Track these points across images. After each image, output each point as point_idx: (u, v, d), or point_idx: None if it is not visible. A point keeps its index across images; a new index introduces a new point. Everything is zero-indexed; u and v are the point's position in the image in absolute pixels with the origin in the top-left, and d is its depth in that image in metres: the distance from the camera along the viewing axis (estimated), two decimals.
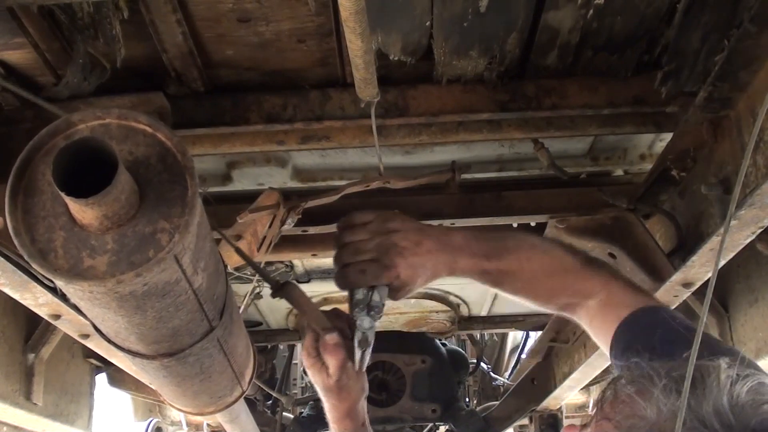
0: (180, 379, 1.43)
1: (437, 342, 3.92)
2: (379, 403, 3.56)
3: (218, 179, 2.39)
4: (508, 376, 4.76)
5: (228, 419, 2.75)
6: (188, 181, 1.00)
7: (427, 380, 3.64)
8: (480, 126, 2.01)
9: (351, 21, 1.33)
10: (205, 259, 1.14)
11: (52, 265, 0.96)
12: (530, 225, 2.38)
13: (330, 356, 1.56)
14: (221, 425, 3.25)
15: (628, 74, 1.91)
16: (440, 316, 3.92)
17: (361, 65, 1.52)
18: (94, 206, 0.92)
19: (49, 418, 2.73)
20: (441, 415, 3.66)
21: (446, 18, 1.67)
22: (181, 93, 1.89)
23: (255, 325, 3.65)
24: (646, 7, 1.68)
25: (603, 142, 2.35)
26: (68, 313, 1.94)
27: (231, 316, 1.40)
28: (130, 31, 1.68)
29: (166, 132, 1.03)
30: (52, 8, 1.61)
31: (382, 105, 1.87)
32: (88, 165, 0.93)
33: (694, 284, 1.90)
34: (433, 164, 2.32)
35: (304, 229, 2.23)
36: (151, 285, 1.00)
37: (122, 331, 1.16)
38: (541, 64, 1.87)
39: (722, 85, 1.55)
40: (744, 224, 1.54)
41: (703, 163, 1.80)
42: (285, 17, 1.70)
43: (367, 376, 1.70)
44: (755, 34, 1.42)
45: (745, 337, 2.25)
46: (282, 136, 2.02)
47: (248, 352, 1.73)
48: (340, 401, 1.65)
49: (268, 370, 4.14)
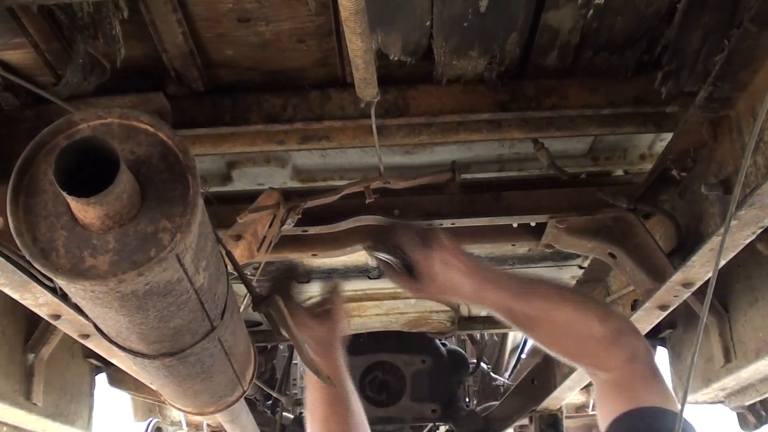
0: (181, 378, 1.43)
1: (437, 342, 3.92)
2: (379, 403, 3.56)
3: (218, 179, 2.39)
4: (508, 376, 4.76)
5: (228, 419, 2.75)
6: (190, 180, 1.00)
7: (427, 380, 3.64)
8: (480, 126, 2.01)
9: (351, 21, 1.33)
10: (207, 258, 1.14)
11: (54, 264, 0.96)
12: (530, 225, 2.38)
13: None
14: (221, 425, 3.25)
15: (628, 74, 1.91)
16: (440, 316, 3.91)
17: (361, 65, 1.52)
18: (95, 205, 0.92)
19: (49, 418, 2.73)
20: (441, 415, 3.66)
21: (446, 18, 1.67)
22: (181, 93, 1.89)
23: (255, 325, 3.64)
24: (646, 7, 1.68)
25: (603, 142, 2.35)
26: (68, 313, 1.94)
27: (232, 316, 1.40)
28: (130, 31, 1.68)
29: (167, 131, 1.03)
30: (52, 8, 1.61)
31: (382, 105, 1.88)
32: (90, 164, 0.94)
33: (694, 284, 1.90)
34: (433, 164, 2.32)
35: (304, 229, 2.23)
36: (153, 284, 1.00)
37: (123, 330, 1.16)
38: (541, 64, 1.87)
39: (722, 85, 1.55)
40: (744, 224, 1.54)
41: (703, 163, 1.80)
42: (285, 17, 1.70)
43: (368, 376, 1.73)
44: (755, 34, 1.42)
45: (745, 337, 2.25)
46: (282, 136, 2.02)
47: (249, 351, 1.74)
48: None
49: (268, 370, 4.13)
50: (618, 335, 1.62)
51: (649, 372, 1.59)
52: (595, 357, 1.63)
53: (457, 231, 2.38)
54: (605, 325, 1.62)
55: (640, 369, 1.58)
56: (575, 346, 1.65)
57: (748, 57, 1.47)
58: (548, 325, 1.65)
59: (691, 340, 2.60)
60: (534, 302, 1.65)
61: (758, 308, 2.16)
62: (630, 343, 1.63)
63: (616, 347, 1.60)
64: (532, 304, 1.65)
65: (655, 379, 1.59)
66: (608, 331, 1.61)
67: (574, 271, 3.25)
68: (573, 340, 1.64)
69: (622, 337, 1.63)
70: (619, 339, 1.62)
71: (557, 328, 1.64)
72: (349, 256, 2.78)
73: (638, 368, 1.58)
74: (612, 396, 1.59)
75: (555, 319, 1.64)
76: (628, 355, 1.59)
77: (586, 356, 1.66)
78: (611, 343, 1.61)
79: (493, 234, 2.42)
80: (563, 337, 1.65)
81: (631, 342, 1.63)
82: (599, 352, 1.62)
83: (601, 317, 1.64)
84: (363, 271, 3.19)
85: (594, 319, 1.63)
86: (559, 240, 2.30)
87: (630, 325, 1.72)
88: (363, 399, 3.51)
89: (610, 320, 1.65)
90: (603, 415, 1.61)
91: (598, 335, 1.61)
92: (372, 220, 2.25)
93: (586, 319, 1.63)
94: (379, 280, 3.25)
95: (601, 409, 1.63)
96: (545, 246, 2.37)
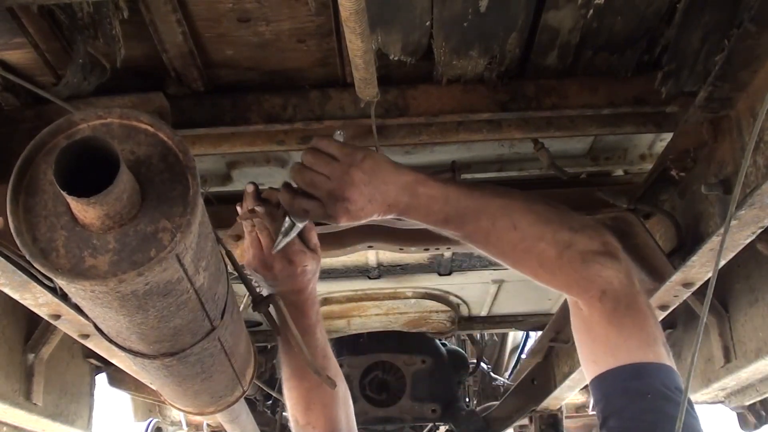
0: (181, 378, 1.43)
1: (437, 342, 3.92)
2: (379, 403, 3.57)
3: (218, 179, 2.39)
4: (508, 376, 4.77)
5: (228, 419, 2.75)
6: (190, 180, 1.00)
7: (427, 380, 3.64)
8: (480, 126, 2.01)
9: (351, 21, 1.33)
10: (207, 258, 1.14)
11: (54, 264, 0.96)
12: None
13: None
14: (221, 425, 3.25)
15: (628, 74, 1.91)
16: (440, 316, 3.91)
17: (361, 65, 1.52)
18: (95, 205, 0.93)
19: (49, 418, 2.73)
20: (441, 415, 3.66)
21: (446, 18, 1.67)
22: (181, 93, 1.89)
23: (255, 325, 3.64)
24: (646, 7, 1.68)
25: (603, 142, 2.35)
26: (68, 313, 1.94)
27: (232, 316, 1.41)
28: (130, 31, 1.68)
29: (167, 131, 1.03)
30: (52, 8, 1.61)
31: (382, 105, 1.88)
32: (90, 164, 0.94)
33: (694, 284, 1.90)
34: (433, 164, 2.32)
35: None
36: (153, 284, 1.00)
37: (123, 330, 1.16)
38: (541, 64, 1.87)
39: (722, 85, 1.55)
40: (744, 224, 1.54)
41: (703, 163, 1.80)
42: (285, 17, 1.70)
43: (368, 376, 1.70)
44: (755, 34, 1.42)
45: (745, 337, 2.25)
46: (282, 136, 2.02)
47: (249, 351, 1.74)
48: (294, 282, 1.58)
49: (268, 370, 4.13)
50: (584, 260, 1.32)
51: (623, 311, 1.31)
52: (558, 284, 1.37)
53: None
54: (569, 247, 1.32)
55: (609, 308, 1.30)
56: (536, 266, 1.37)
57: (748, 57, 1.47)
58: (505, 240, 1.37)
59: (691, 340, 2.60)
60: (469, 224, 1.40)
61: (758, 308, 2.16)
62: (600, 274, 1.32)
63: (581, 276, 1.32)
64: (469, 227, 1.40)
65: (630, 318, 1.31)
66: (574, 253, 1.32)
67: None
68: (533, 259, 1.35)
69: (592, 264, 1.32)
70: (586, 266, 1.32)
71: (513, 246, 1.37)
72: (349, 256, 2.78)
73: (607, 308, 1.31)
74: (583, 334, 1.36)
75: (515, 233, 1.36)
76: (596, 289, 1.31)
77: (549, 279, 1.38)
78: (576, 270, 1.32)
79: None
80: (522, 255, 1.37)
81: (602, 272, 1.32)
82: (561, 277, 1.34)
83: (566, 232, 1.34)
84: (363, 271, 3.19)
85: (559, 229, 1.34)
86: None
87: (607, 248, 1.36)
88: (363, 399, 3.55)
89: (575, 242, 1.33)
90: (582, 362, 1.41)
91: (559, 261, 1.32)
92: (372, 220, 2.25)
93: (549, 229, 1.34)
94: (380, 280, 3.25)
95: (577, 338, 1.40)
96: None
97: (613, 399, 1.29)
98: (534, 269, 1.40)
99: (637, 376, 1.28)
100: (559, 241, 1.35)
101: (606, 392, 1.32)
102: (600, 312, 1.32)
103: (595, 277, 1.33)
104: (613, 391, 1.30)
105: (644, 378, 1.27)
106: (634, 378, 1.28)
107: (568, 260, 1.34)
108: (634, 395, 1.26)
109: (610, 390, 1.31)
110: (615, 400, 1.29)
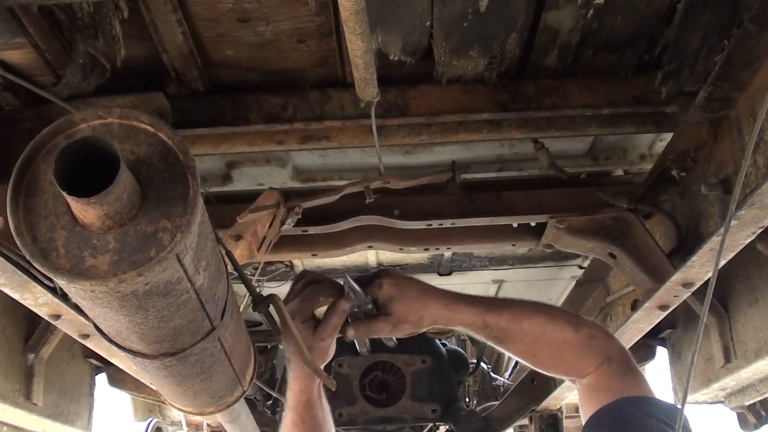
0: (181, 378, 1.42)
1: (437, 342, 3.91)
2: (379, 403, 3.56)
3: (218, 179, 2.39)
4: (508, 376, 4.77)
5: (228, 419, 2.75)
6: (190, 180, 1.00)
7: (427, 380, 3.63)
8: (480, 126, 2.01)
9: (351, 21, 1.33)
10: (207, 258, 1.14)
11: (54, 264, 0.96)
12: (530, 225, 2.38)
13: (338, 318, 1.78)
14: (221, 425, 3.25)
15: (628, 74, 1.91)
16: None
17: (361, 65, 1.52)
18: (95, 205, 0.92)
19: (49, 418, 2.73)
20: (441, 415, 3.65)
21: (446, 18, 1.67)
22: (181, 93, 1.89)
23: (255, 325, 3.64)
24: (646, 7, 1.68)
25: (603, 142, 2.35)
26: (68, 313, 1.94)
27: (232, 316, 1.40)
28: (130, 31, 1.68)
29: (167, 131, 1.02)
30: (52, 8, 1.61)
31: (382, 105, 1.88)
32: (90, 164, 0.93)
33: (694, 284, 1.90)
34: (433, 164, 2.32)
35: (304, 229, 2.23)
36: (153, 284, 1.00)
37: (123, 330, 1.16)
38: (541, 64, 1.87)
39: (722, 85, 1.55)
40: (744, 224, 1.54)
41: (703, 163, 1.81)
42: (285, 17, 1.70)
43: (367, 376, 1.76)
44: (755, 34, 1.42)
45: (745, 337, 2.25)
46: (282, 136, 2.02)
47: (249, 351, 1.73)
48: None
49: (268, 370, 4.13)
50: (590, 340, 1.68)
51: (625, 369, 1.65)
52: (572, 364, 1.69)
53: (457, 231, 2.39)
54: (578, 331, 1.68)
55: (615, 369, 1.64)
56: (551, 354, 1.71)
57: (748, 57, 1.48)
58: (523, 335, 1.70)
59: (691, 340, 2.60)
60: (506, 314, 1.70)
61: (758, 308, 2.16)
62: (603, 347, 1.68)
63: (589, 352, 1.66)
64: (505, 316, 1.70)
65: (630, 373, 1.65)
66: (581, 337, 1.67)
67: (574, 271, 3.25)
68: (548, 349, 1.70)
69: (595, 342, 1.68)
70: (591, 344, 1.68)
71: (532, 338, 1.70)
72: (349, 256, 2.79)
73: (613, 368, 1.64)
74: (590, 398, 1.65)
75: (529, 329, 1.69)
76: (602, 358, 1.65)
77: (562, 364, 1.72)
78: (585, 348, 1.67)
79: (493, 234, 2.42)
80: (539, 347, 1.70)
81: (603, 345, 1.69)
82: (574, 358, 1.68)
83: (572, 324, 1.70)
84: (363, 272, 3.19)
85: (566, 326, 1.69)
86: (559, 240, 2.30)
87: (601, 330, 1.78)
88: (363, 399, 3.54)
89: (581, 327, 1.71)
90: (584, 415, 1.67)
91: (572, 342, 1.67)
92: (372, 220, 2.26)
93: (558, 327, 1.69)
94: None
95: (582, 412, 1.69)
96: (545, 246, 2.37)
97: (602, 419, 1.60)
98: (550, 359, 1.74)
99: (634, 402, 1.58)
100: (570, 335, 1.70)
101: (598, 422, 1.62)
102: (607, 373, 1.63)
103: (601, 349, 1.67)
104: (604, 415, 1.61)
105: (642, 404, 1.58)
106: (627, 404, 1.58)
107: (578, 342, 1.68)
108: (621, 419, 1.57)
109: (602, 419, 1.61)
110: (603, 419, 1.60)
